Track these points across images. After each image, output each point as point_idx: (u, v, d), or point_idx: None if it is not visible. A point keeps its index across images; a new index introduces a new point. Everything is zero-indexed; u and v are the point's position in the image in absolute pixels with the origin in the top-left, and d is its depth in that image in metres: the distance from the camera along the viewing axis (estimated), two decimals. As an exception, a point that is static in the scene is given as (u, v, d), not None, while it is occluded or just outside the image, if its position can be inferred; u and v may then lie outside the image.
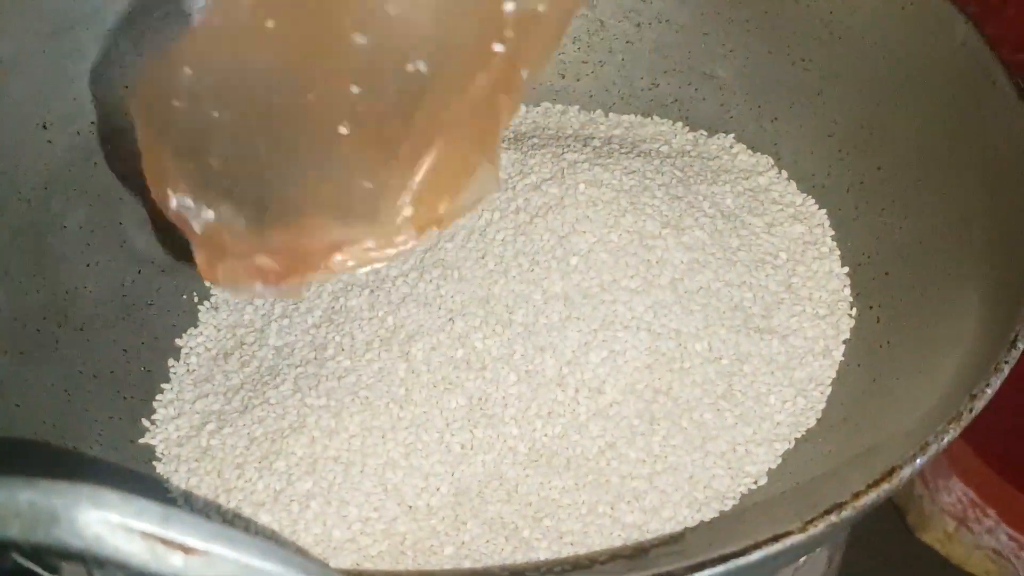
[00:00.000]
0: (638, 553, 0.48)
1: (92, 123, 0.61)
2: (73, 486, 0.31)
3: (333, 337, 0.54)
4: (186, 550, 0.31)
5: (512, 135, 0.63)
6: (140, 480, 0.50)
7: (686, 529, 0.48)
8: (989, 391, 0.43)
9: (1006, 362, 0.43)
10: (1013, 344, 0.44)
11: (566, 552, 0.48)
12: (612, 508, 0.49)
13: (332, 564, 0.49)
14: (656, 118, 0.64)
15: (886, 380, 0.52)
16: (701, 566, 0.39)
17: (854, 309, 0.56)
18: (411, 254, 0.55)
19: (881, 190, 0.58)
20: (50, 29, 0.60)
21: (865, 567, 0.86)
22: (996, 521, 0.81)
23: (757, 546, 0.39)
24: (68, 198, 0.60)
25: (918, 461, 0.41)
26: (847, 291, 0.56)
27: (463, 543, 0.49)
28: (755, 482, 0.50)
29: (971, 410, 0.42)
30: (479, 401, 0.51)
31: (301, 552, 0.34)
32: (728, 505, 0.49)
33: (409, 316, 0.53)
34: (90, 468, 0.50)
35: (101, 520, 0.31)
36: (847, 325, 0.55)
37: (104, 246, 0.59)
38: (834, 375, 0.53)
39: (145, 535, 0.31)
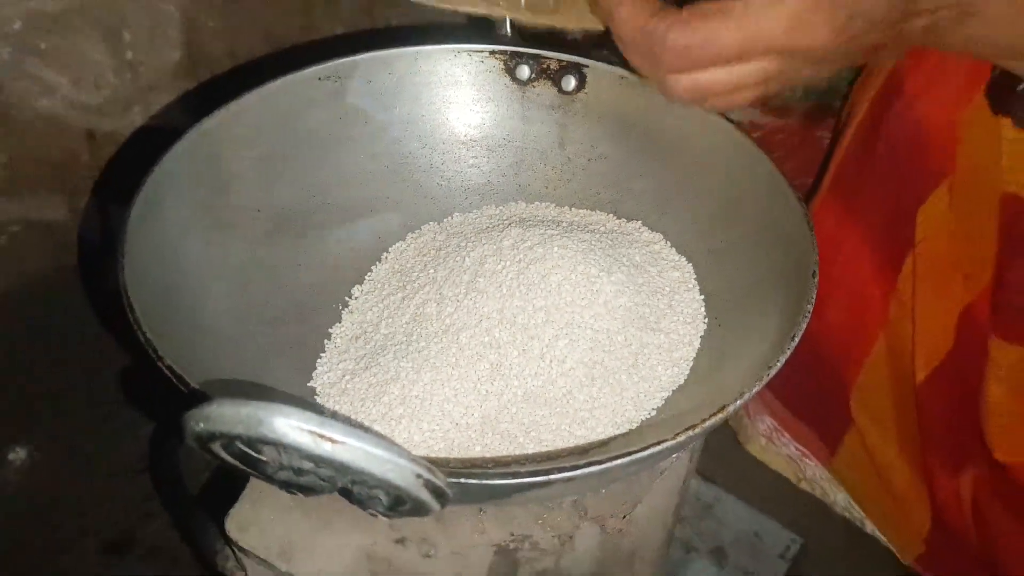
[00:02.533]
0: (583, 450, 0.48)
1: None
2: (272, 404, 0.32)
3: (415, 328, 0.53)
4: (333, 441, 0.32)
5: (518, 219, 0.61)
6: (309, 405, 0.49)
7: (610, 437, 0.49)
8: (778, 365, 0.43)
9: (788, 350, 0.44)
10: (792, 339, 0.44)
11: (543, 449, 0.48)
12: (569, 426, 0.49)
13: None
14: (598, 211, 0.63)
15: (722, 359, 0.52)
16: (618, 456, 0.39)
17: (706, 319, 0.55)
18: (460, 283, 0.54)
19: (721, 253, 0.57)
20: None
21: (712, 466, 0.87)
22: (788, 439, 0.82)
23: (649, 447, 0.40)
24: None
25: (737, 403, 0.42)
26: (703, 309, 0.56)
27: (485, 445, 0.49)
28: (649, 413, 0.51)
29: (768, 375, 0.43)
30: (496, 366, 0.51)
31: (396, 445, 0.35)
32: (634, 426, 0.50)
33: (459, 318, 0.52)
34: (279, 397, 0.49)
35: (286, 424, 0.32)
36: (702, 328, 0.55)
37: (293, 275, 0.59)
38: (694, 355, 0.53)
39: (311, 432, 0.32)
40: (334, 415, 0.50)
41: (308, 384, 0.53)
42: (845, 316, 0.71)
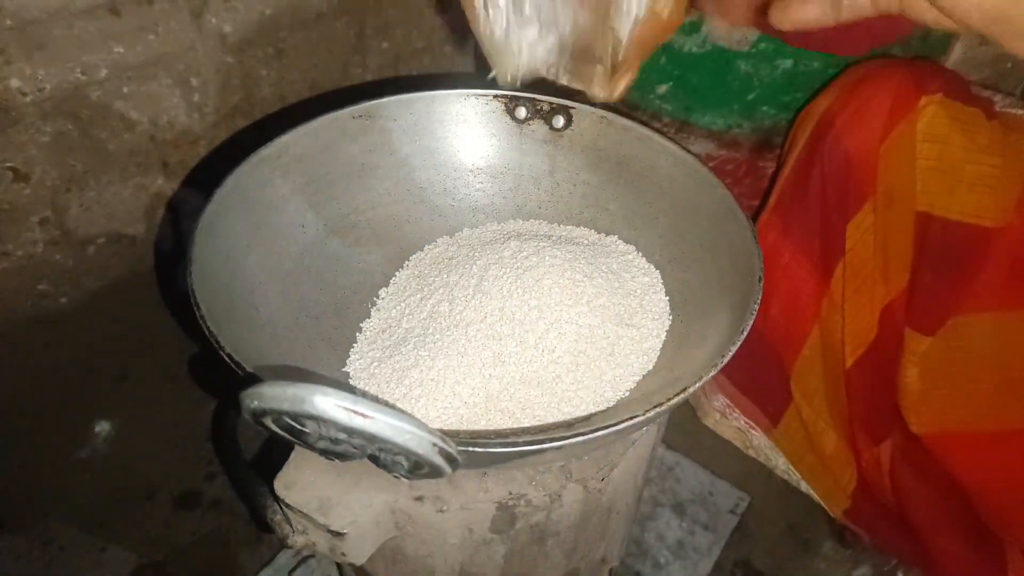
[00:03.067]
0: (569, 424, 0.48)
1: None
2: (313, 385, 0.32)
3: (431, 323, 0.53)
4: (363, 416, 0.32)
5: (516, 233, 0.60)
6: (344, 386, 0.50)
7: (591, 414, 0.49)
8: (730, 354, 0.43)
9: (738, 341, 0.44)
10: (741, 332, 0.44)
11: (537, 423, 0.48)
12: (558, 404, 0.49)
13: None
14: (582, 227, 0.62)
15: (683, 349, 0.52)
16: (598, 429, 0.40)
17: (670, 316, 0.55)
18: (468, 286, 0.54)
19: (683, 261, 0.57)
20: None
21: (675, 436, 0.87)
22: (738, 414, 0.81)
23: (622, 421, 0.40)
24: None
25: (696, 385, 0.42)
26: (668, 308, 0.55)
27: (489, 420, 0.48)
28: (624, 394, 0.50)
29: (721, 362, 0.43)
30: (498, 354, 0.50)
31: (416, 419, 0.35)
32: (611, 404, 0.50)
33: (467, 315, 0.52)
34: (319, 380, 0.49)
35: (325, 401, 0.32)
36: (667, 324, 0.54)
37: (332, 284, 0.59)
38: (660, 346, 0.53)
39: (345, 408, 0.32)
40: (364, 395, 0.50)
41: (343, 369, 0.53)
42: (785, 312, 0.70)
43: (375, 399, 0.48)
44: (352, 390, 0.50)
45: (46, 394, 0.85)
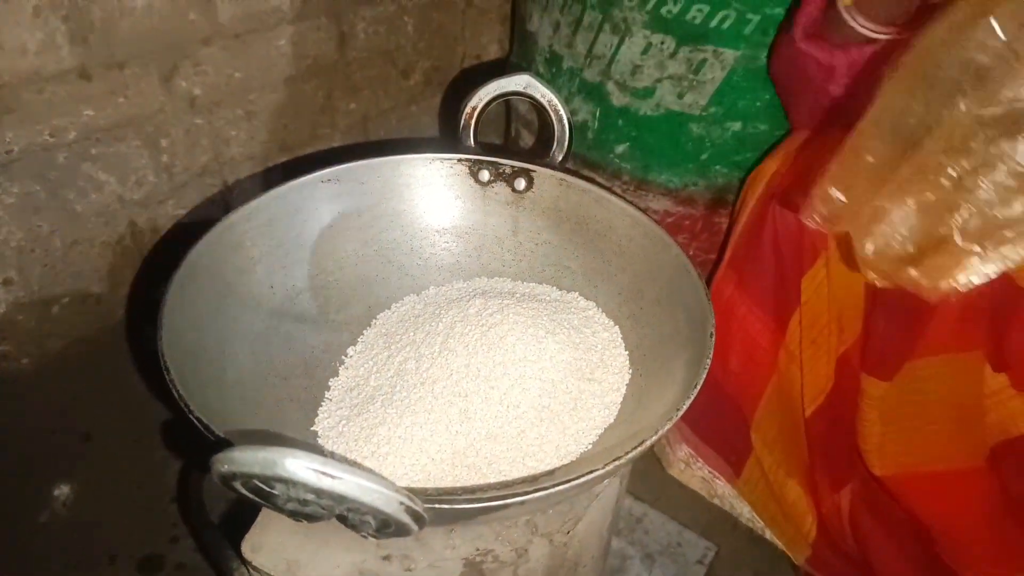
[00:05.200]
0: (533, 478, 0.49)
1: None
2: (282, 448, 0.33)
3: (398, 381, 0.53)
4: (333, 477, 0.33)
5: (481, 291, 0.62)
6: (313, 448, 0.48)
7: (555, 468, 0.50)
8: (685, 407, 0.45)
9: (692, 394, 0.45)
10: (695, 386, 0.46)
11: (502, 478, 0.49)
12: (523, 459, 0.50)
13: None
14: (544, 284, 0.63)
15: (643, 402, 0.53)
16: (559, 483, 0.40)
17: (630, 371, 0.56)
18: (434, 343, 0.55)
19: (641, 317, 0.58)
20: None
21: (641, 487, 0.87)
22: (702, 464, 0.82)
23: (582, 475, 0.41)
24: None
25: (653, 438, 0.43)
26: (627, 362, 0.56)
27: (456, 476, 0.49)
28: (586, 447, 0.51)
29: (677, 415, 0.44)
30: (464, 411, 0.51)
31: (383, 479, 0.36)
32: (575, 458, 0.51)
33: (433, 372, 0.53)
34: (288, 442, 0.48)
35: (295, 464, 0.33)
36: (627, 378, 0.56)
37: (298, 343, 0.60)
38: (621, 399, 0.54)
39: (315, 470, 0.33)
40: (333, 455, 0.50)
41: (311, 428, 0.53)
42: (744, 365, 0.72)
43: (344, 460, 0.49)
44: (321, 451, 0.51)
45: (5, 457, 0.84)
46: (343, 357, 0.59)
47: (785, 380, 0.70)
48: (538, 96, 0.62)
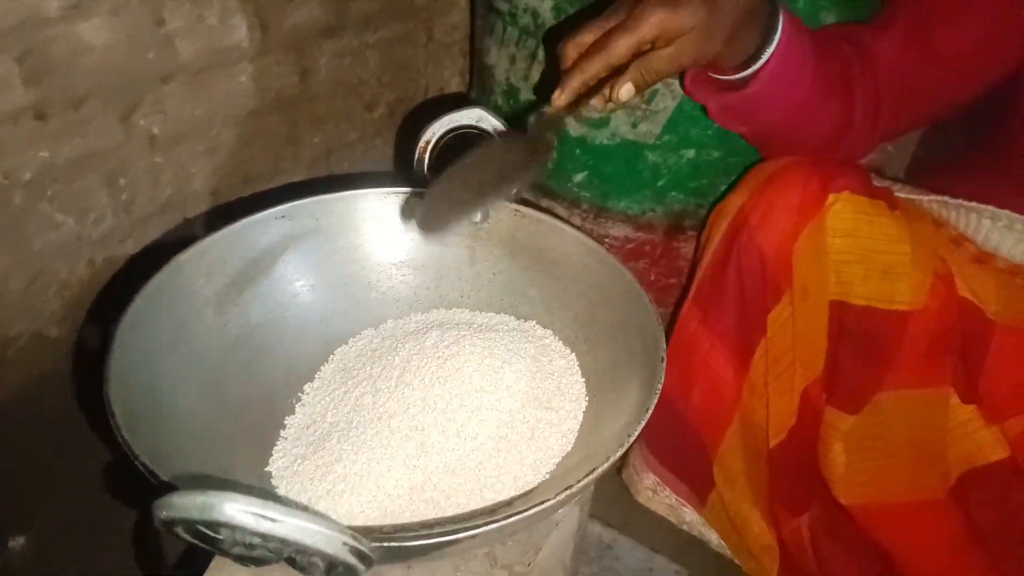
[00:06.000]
0: (491, 510, 0.49)
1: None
2: (221, 492, 0.33)
3: (355, 416, 0.53)
4: (272, 519, 0.33)
5: (439, 322, 0.62)
6: (254, 490, 0.48)
7: (512, 497, 0.50)
8: (634, 435, 0.45)
9: (643, 420, 0.45)
10: (646, 411, 0.46)
11: (460, 510, 0.49)
12: (481, 491, 0.50)
13: (350, 523, 0.47)
14: (502, 314, 0.64)
15: (600, 428, 0.53)
16: (517, 512, 0.41)
17: (587, 397, 0.56)
18: (391, 377, 0.55)
19: (597, 343, 0.59)
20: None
21: (611, 514, 0.87)
22: (669, 492, 0.81)
23: (532, 507, 0.41)
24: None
25: (604, 466, 0.43)
26: (584, 389, 0.57)
27: (414, 511, 0.49)
28: (544, 476, 0.51)
29: (628, 442, 0.45)
30: (421, 445, 0.51)
31: (326, 519, 0.35)
32: (531, 486, 0.51)
33: (390, 406, 0.53)
34: (231, 486, 0.46)
35: (233, 507, 0.33)
36: (584, 405, 0.56)
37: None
38: (578, 427, 0.54)
39: (253, 513, 0.33)
40: (277, 497, 0.49)
41: (266, 469, 0.53)
42: (707, 400, 0.71)
43: (285, 501, 0.48)
44: (266, 493, 0.50)
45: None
46: (300, 394, 0.59)
47: (749, 415, 0.70)
48: (490, 129, 0.63)
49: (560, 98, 0.50)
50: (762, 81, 0.55)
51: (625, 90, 0.49)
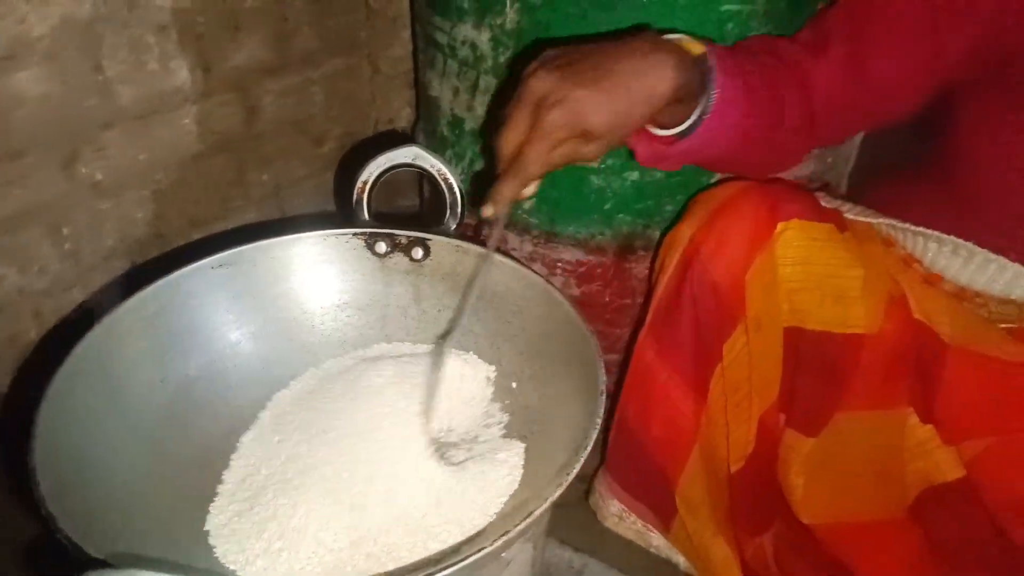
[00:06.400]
0: (437, 559, 0.48)
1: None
2: (131, 570, 0.33)
3: (290, 467, 0.53)
4: None
5: (375, 357, 0.61)
6: (166, 565, 0.43)
7: (459, 543, 0.49)
8: (574, 472, 0.45)
9: (581, 458, 0.45)
10: (584, 448, 0.45)
11: (402, 563, 0.48)
12: (424, 542, 0.49)
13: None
14: (454, 351, 0.62)
15: (539, 466, 0.53)
16: (464, 559, 0.40)
17: (533, 433, 0.56)
18: (323, 422, 0.54)
19: (541, 377, 0.59)
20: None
21: (579, 537, 0.86)
22: (634, 517, 0.81)
23: (482, 548, 0.40)
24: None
25: (543, 507, 0.42)
26: (530, 427, 0.56)
27: (355, 565, 0.48)
28: (491, 518, 0.51)
29: (566, 481, 0.44)
30: (362, 495, 0.50)
31: None
32: (478, 528, 0.50)
33: (326, 455, 0.52)
34: (146, 563, 0.45)
35: None
36: (522, 448, 0.56)
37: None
38: (523, 465, 0.54)
39: None
40: (225, 554, 0.49)
41: (204, 528, 0.51)
42: (665, 431, 0.71)
43: (232, 560, 0.47)
44: (211, 550, 0.49)
45: None
46: (237, 445, 0.58)
47: (708, 445, 0.70)
48: (427, 167, 0.63)
49: (489, 211, 0.50)
50: (696, 134, 0.55)
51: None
